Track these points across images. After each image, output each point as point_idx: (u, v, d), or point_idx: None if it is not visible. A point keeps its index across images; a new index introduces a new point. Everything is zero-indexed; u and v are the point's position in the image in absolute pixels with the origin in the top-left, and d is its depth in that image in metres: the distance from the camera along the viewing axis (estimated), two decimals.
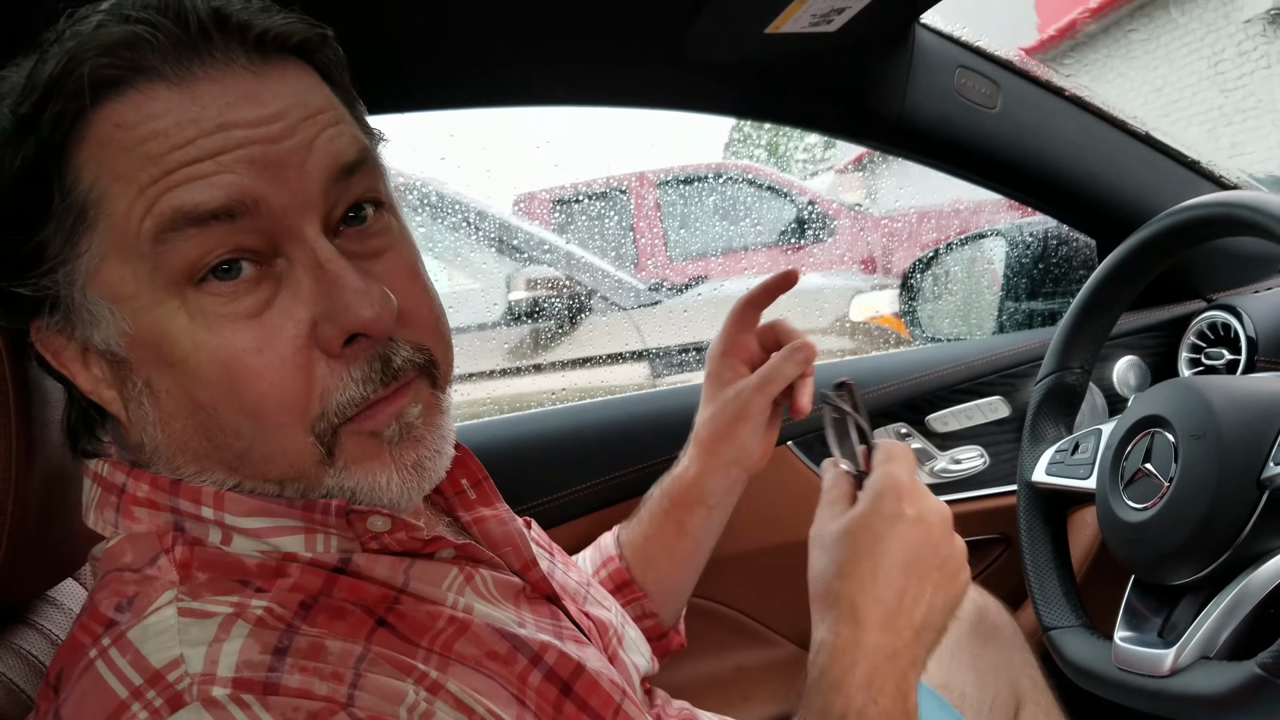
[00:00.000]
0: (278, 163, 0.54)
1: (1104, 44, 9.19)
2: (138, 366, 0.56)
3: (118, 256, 0.54)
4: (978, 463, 1.39)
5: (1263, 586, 0.84)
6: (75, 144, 0.53)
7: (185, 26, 0.54)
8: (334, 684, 0.51)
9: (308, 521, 0.59)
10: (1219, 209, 0.96)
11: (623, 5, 1.00)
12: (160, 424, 0.57)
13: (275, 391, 0.54)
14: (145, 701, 0.49)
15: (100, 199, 0.53)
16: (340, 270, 0.55)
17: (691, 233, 5.61)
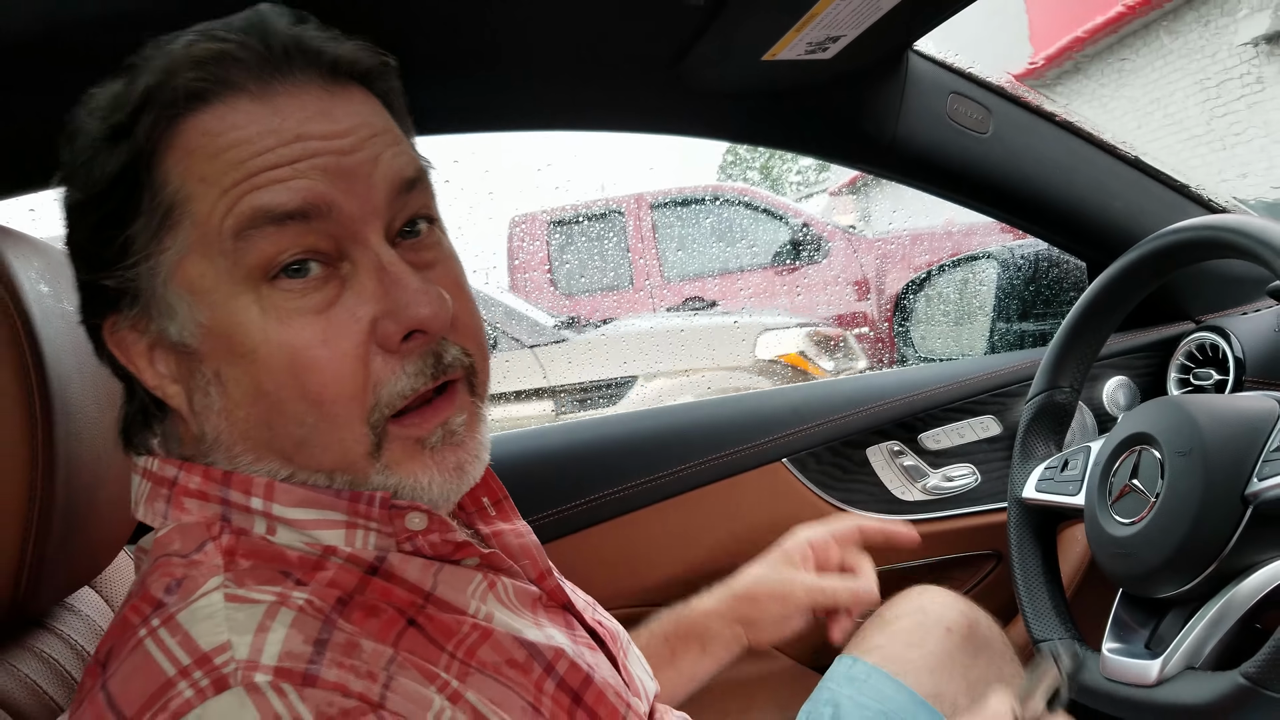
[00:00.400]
0: (348, 173, 0.59)
1: (1097, 69, 9.28)
2: (208, 357, 0.60)
3: (199, 252, 0.58)
4: (969, 480, 1.41)
5: (1247, 599, 0.86)
6: (165, 150, 0.58)
7: (269, 47, 0.59)
8: (368, 682, 0.54)
9: (351, 514, 0.62)
10: (1205, 232, 0.99)
11: (623, 34, 1.02)
12: (225, 413, 0.60)
13: (337, 382, 0.58)
14: (192, 681, 0.51)
15: (186, 199, 0.58)
16: (402, 272, 0.60)
17: (687, 254, 5.65)
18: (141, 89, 0.58)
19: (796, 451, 1.37)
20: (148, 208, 0.58)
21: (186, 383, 0.62)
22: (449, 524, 0.66)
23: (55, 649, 0.76)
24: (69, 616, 0.81)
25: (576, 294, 5.47)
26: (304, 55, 0.60)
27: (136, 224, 0.59)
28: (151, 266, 0.59)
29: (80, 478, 0.72)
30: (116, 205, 0.59)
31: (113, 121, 0.58)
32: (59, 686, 0.73)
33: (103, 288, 0.61)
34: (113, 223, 0.59)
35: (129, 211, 0.59)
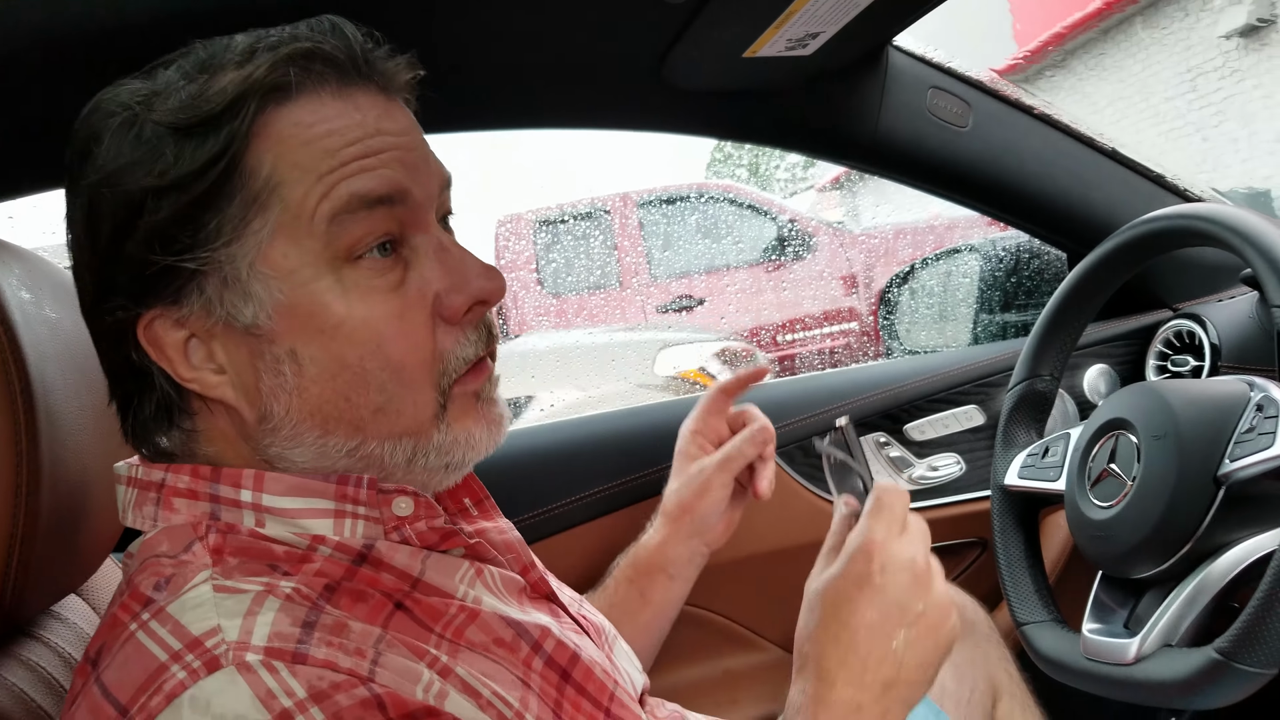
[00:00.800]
0: (414, 166, 0.66)
1: (1078, 64, 9.31)
2: (282, 336, 0.63)
3: (287, 236, 0.62)
4: (954, 469, 1.43)
5: (1221, 577, 0.88)
6: (257, 138, 0.61)
7: (350, 50, 0.65)
8: (357, 659, 0.56)
9: (339, 500, 0.65)
10: (1179, 221, 1.01)
11: (606, 34, 1.03)
12: (298, 390, 0.63)
13: (415, 351, 0.64)
14: (184, 664, 0.53)
15: (278, 184, 0.62)
16: (463, 252, 0.68)
17: (674, 252, 5.64)
18: (233, 80, 0.61)
19: (785, 445, 1.39)
20: (239, 191, 0.61)
21: (249, 366, 0.64)
22: (435, 508, 0.68)
23: (43, 657, 0.76)
24: (56, 624, 0.81)
25: (563, 293, 5.47)
26: (370, 64, 0.66)
27: (232, 206, 0.61)
28: (239, 249, 0.62)
29: (66, 485, 0.72)
30: (207, 188, 0.61)
31: (201, 111, 0.60)
32: (47, 694, 0.73)
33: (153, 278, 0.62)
34: (202, 205, 0.61)
35: (221, 195, 0.61)
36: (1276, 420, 0.85)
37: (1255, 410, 0.88)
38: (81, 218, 0.64)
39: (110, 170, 0.61)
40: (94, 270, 0.64)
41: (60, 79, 0.86)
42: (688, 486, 1.05)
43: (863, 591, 0.69)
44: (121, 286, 0.63)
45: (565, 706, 0.67)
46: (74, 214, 0.65)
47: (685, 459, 1.07)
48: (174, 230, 0.61)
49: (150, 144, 0.60)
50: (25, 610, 0.73)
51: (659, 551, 1.05)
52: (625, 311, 5.41)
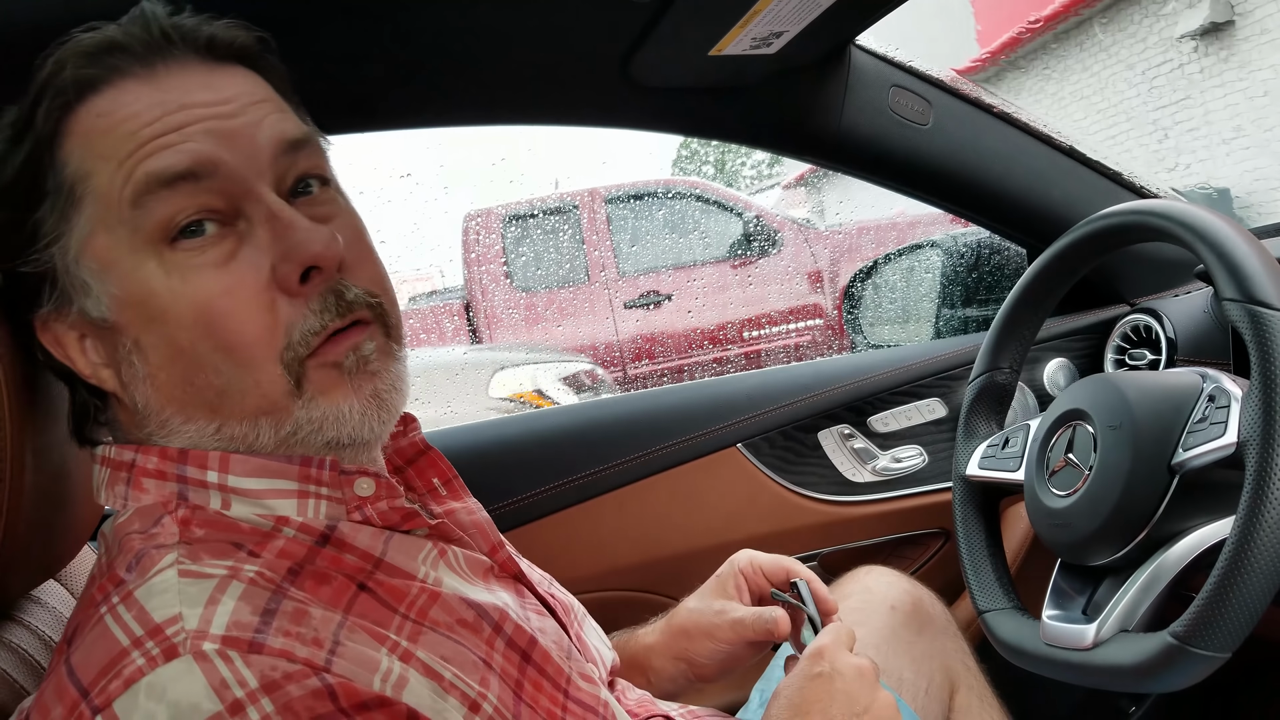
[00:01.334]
0: (232, 134, 0.64)
1: (1039, 65, 9.42)
2: (126, 328, 0.64)
3: (103, 227, 0.62)
4: (917, 461, 1.45)
5: (1176, 564, 0.90)
6: (63, 136, 0.63)
7: (149, 33, 0.64)
8: (313, 649, 0.56)
9: (302, 481, 0.66)
10: (1131, 217, 1.03)
11: (573, 31, 1.04)
12: (149, 379, 0.64)
13: (245, 327, 0.62)
14: (144, 650, 0.53)
15: (85, 176, 0.62)
16: (292, 216, 0.64)
17: (642, 248, 5.65)
18: (37, 84, 0.63)
19: (750, 436, 1.41)
20: (52, 190, 0.63)
21: (113, 360, 0.65)
22: (396, 489, 0.69)
23: (23, 639, 0.77)
24: (35, 608, 0.82)
25: (532, 289, 5.47)
26: (182, 36, 0.65)
27: (43, 207, 0.63)
28: (62, 247, 0.63)
29: (48, 471, 0.73)
30: (23, 194, 0.63)
31: (13, 120, 0.63)
32: (28, 675, 0.75)
33: (23, 280, 0.64)
34: (22, 210, 0.63)
35: (35, 197, 0.63)
36: (1227, 410, 0.87)
37: (1208, 401, 0.90)
38: None
39: None
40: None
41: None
42: (700, 618, 0.98)
43: (815, 682, 0.75)
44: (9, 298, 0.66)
45: (526, 687, 0.68)
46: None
47: (718, 588, 1.00)
48: (5, 238, 0.64)
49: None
50: (9, 593, 0.74)
51: (646, 654, 1.01)
52: (593, 306, 5.41)
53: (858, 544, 1.43)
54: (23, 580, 0.77)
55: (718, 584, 1.00)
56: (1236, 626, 0.79)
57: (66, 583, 0.91)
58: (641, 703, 0.92)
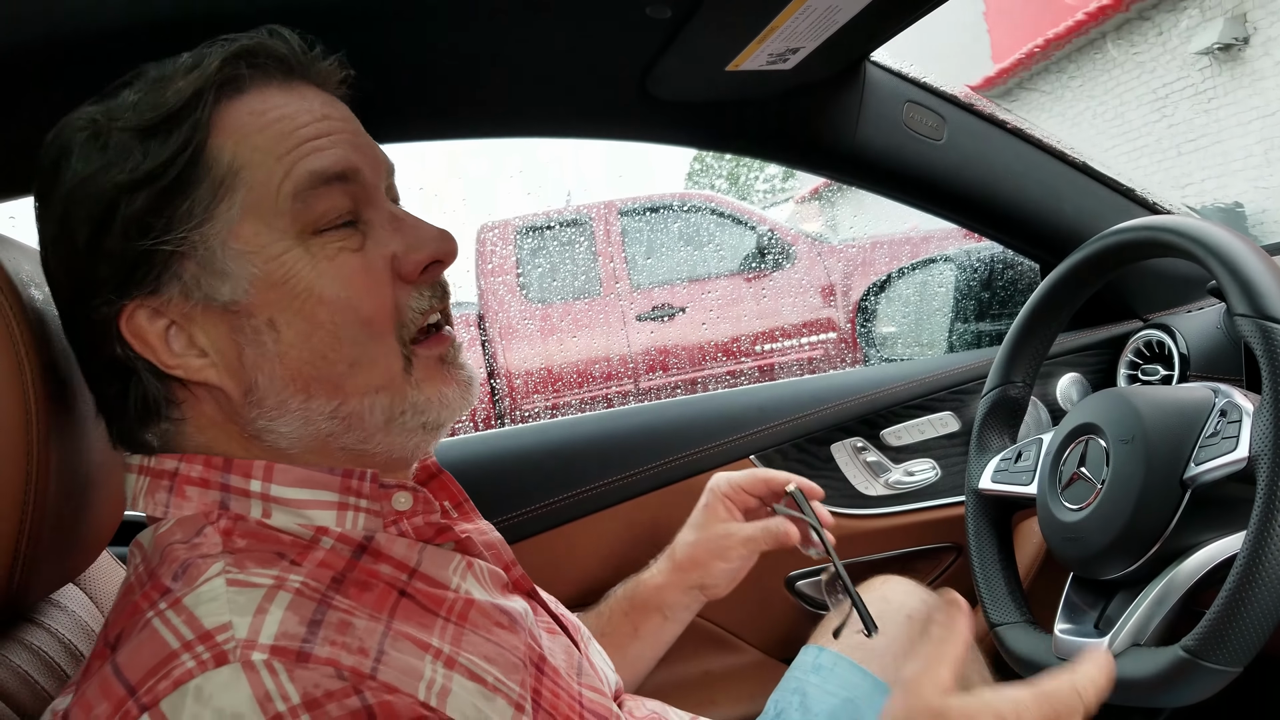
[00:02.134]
0: (362, 147, 0.72)
1: (1053, 81, 9.43)
2: (260, 308, 0.67)
3: (253, 214, 0.66)
4: (930, 475, 1.45)
5: (1188, 578, 0.90)
6: (216, 128, 0.66)
7: (290, 48, 0.71)
8: (360, 657, 0.58)
9: (343, 493, 0.68)
10: (1144, 233, 1.03)
11: (593, 47, 1.05)
12: (279, 356, 0.67)
13: (379, 304, 0.69)
14: (195, 654, 0.55)
15: (241, 168, 0.66)
16: (415, 218, 0.73)
17: (656, 261, 5.67)
18: (192, 79, 0.66)
19: (763, 449, 1.41)
20: (205, 177, 0.66)
21: (230, 343, 0.67)
22: (431, 504, 0.72)
23: (45, 642, 0.78)
24: (56, 612, 0.83)
25: (546, 301, 5.48)
26: (308, 63, 0.72)
27: (199, 191, 0.66)
28: (207, 231, 0.66)
29: (71, 476, 0.74)
30: (176, 178, 0.65)
31: (162, 110, 0.65)
32: (49, 678, 0.76)
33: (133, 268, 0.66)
34: (172, 194, 0.65)
35: (189, 182, 0.66)
36: (1239, 425, 0.87)
37: (1219, 415, 0.91)
38: (56, 229, 0.67)
39: (83, 177, 0.65)
40: (74, 273, 0.67)
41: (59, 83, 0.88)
42: (705, 545, 1.07)
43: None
44: (103, 281, 0.66)
45: (544, 694, 0.70)
46: (49, 229, 0.68)
47: (710, 516, 1.08)
48: (150, 219, 0.65)
49: (118, 148, 0.65)
50: (29, 596, 0.75)
51: (658, 594, 1.08)
52: (606, 319, 5.43)
53: (870, 558, 1.43)
54: (44, 584, 0.78)
55: (707, 513, 1.09)
56: (1248, 640, 0.79)
57: (85, 587, 0.92)
58: (653, 714, 0.93)
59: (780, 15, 0.95)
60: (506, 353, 5.35)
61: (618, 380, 5.27)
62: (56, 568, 0.78)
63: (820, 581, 1.02)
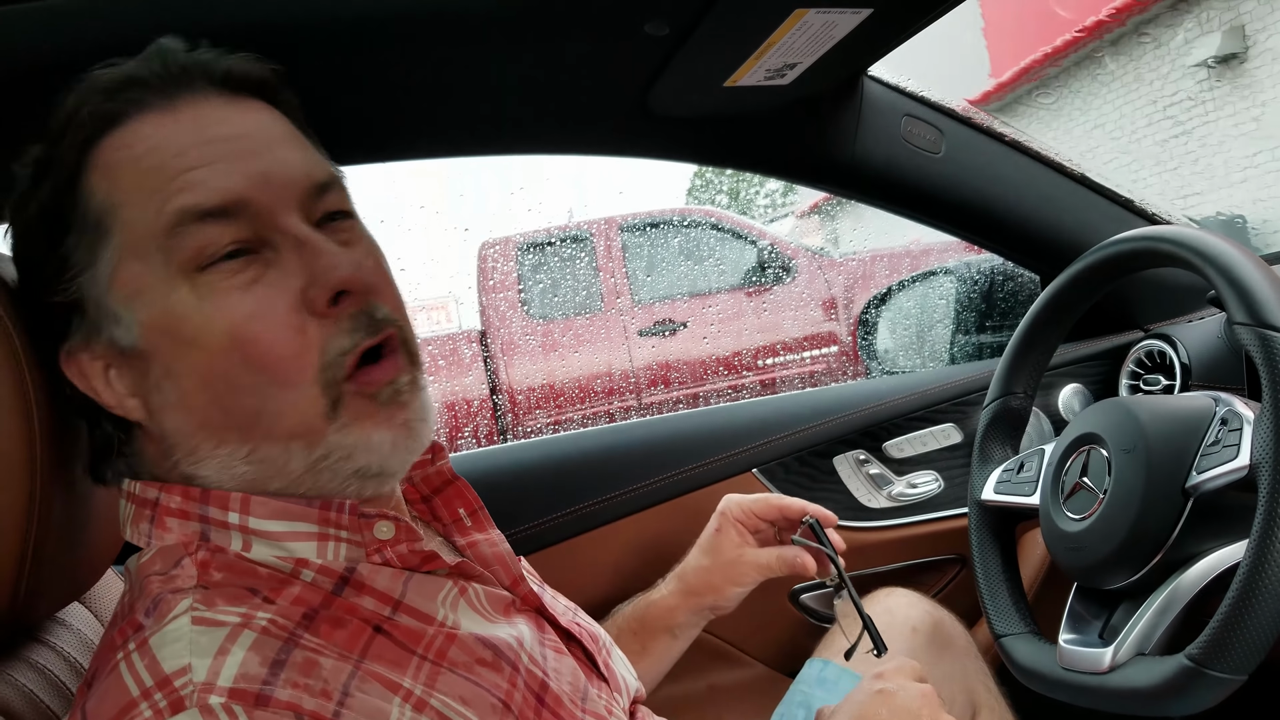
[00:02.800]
0: (259, 173, 0.64)
1: (1054, 94, 9.45)
2: (156, 354, 0.64)
3: (132, 256, 0.63)
4: (933, 487, 1.45)
5: (1191, 587, 0.90)
6: (87, 169, 0.64)
7: (167, 67, 0.65)
8: (323, 701, 0.56)
9: (322, 524, 0.66)
10: (1143, 243, 1.04)
11: (593, 64, 1.06)
12: (179, 405, 0.64)
13: (277, 348, 0.62)
14: (152, 702, 0.54)
15: (114, 208, 0.63)
16: (320, 242, 0.65)
17: (657, 276, 5.68)
18: (58, 120, 0.64)
19: (766, 462, 1.42)
20: (78, 223, 0.64)
21: (142, 388, 0.65)
22: (416, 533, 0.69)
23: (50, 661, 0.78)
24: (61, 630, 0.83)
25: (548, 317, 5.49)
26: (200, 70, 0.66)
27: (69, 239, 0.64)
28: (91, 276, 0.64)
29: (76, 494, 0.74)
30: (50, 228, 0.64)
31: (36, 157, 0.65)
32: (55, 697, 0.75)
33: (52, 312, 0.65)
34: (52, 244, 0.64)
35: (61, 230, 0.64)
36: (1240, 433, 0.87)
37: (1220, 424, 0.91)
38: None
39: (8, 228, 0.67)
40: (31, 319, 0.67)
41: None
42: (720, 571, 1.07)
43: (877, 697, 0.79)
44: (42, 328, 0.67)
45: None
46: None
47: (724, 541, 1.08)
48: (35, 272, 0.65)
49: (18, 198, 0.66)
50: (34, 614, 0.75)
51: (668, 615, 1.09)
52: (608, 334, 5.44)
53: (874, 570, 1.43)
54: (49, 602, 0.78)
55: (719, 537, 1.09)
56: (1252, 648, 0.79)
57: (91, 606, 0.92)
58: None
59: (777, 31, 0.96)
60: (509, 369, 5.35)
61: (619, 396, 5.27)
62: (62, 586, 0.78)
63: (824, 595, 1.02)
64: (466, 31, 0.93)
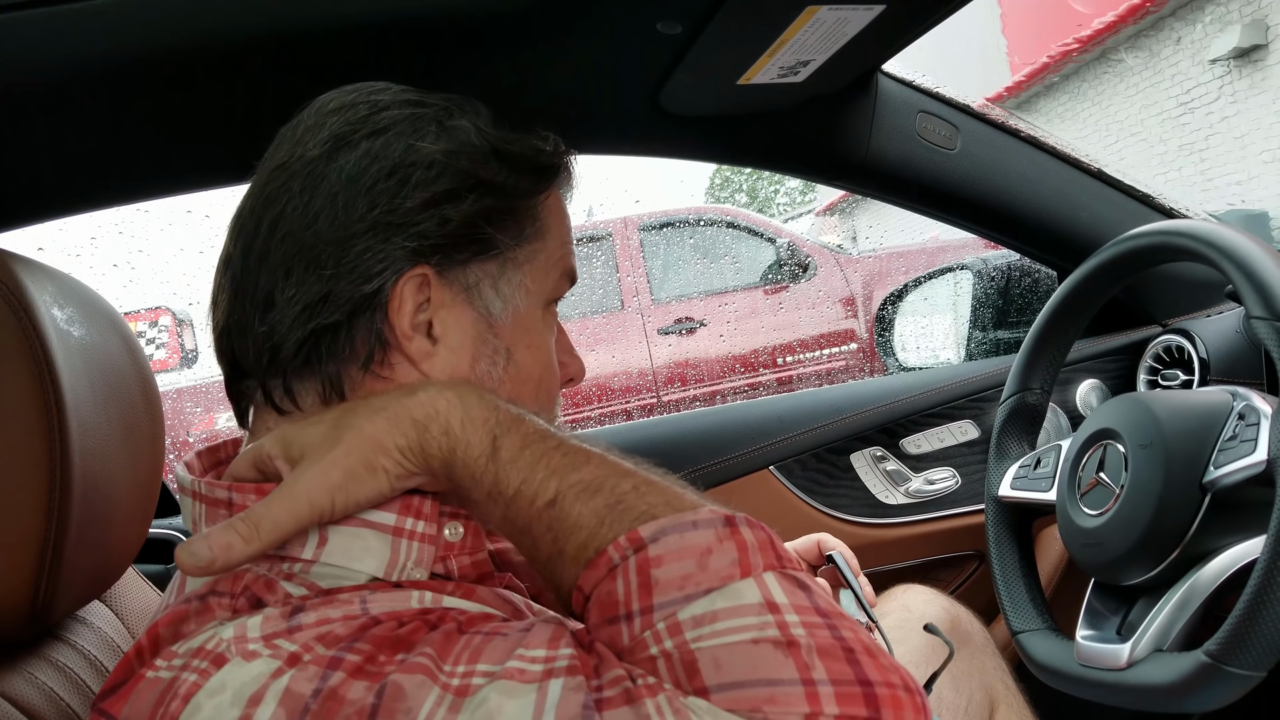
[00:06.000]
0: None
1: (1070, 89, 9.39)
2: (506, 335, 0.74)
3: (541, 266, 0.76)
4: (950, 483, 1.45)
5: (1209, 583, 0.90)
6: (542, 196, 0.77)
7: (573, 181, 0.82)
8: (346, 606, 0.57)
9: (401, 514, 0.65)
10: (1159, 238, 1.04)
11: (606, 63, 1.07)
12: (501, 381, 0.74)
13: (556, 390, 0.80)
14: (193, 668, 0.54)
15: (549, 230, 0.77)
16: (565, 336, 0.84)
17: (676, 275, 5.68)
18: (555, 155, 0.78)
19: (783, 459, 1.42)
20: (532, 221, 0.76)
21: (470, 347, 0.72)
22: (481, 540, 0.71)
23: (70, 659, 0.79)
24: (81, 629, 0.84)
25: (566, 316, 5.50)
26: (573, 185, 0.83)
27: (527, 226, 0.75)
28: (521, 255, 0.75)
29: (94, 493, 0.75)
30: (522, 206, 0.75)
31: (530, 156, 0.75)
32: (75, 694, 0.76)
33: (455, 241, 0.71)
34: (517, 214, 0.74)
35: (529, 216, 0.76)
36: (1258, 428, 0.87)
37: (1238, 419, 0.90)
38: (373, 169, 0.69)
39: (437, 149, 0.70)
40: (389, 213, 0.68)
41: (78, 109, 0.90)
42: None
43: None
44: (421, 233, 0.68)
45: None
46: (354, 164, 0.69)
47: None
48: (493, 217, 0.72)
49: (475, 149, 0.72)
50: (55, 613, 0.75)
51: None
52: (627, 333, 5.44)
53: (891, 566, 1.43)
54: (70, 601, 0.78)
55: None
56: (1271, 644, 0.79)
57: (112, 604, 0.93)
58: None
59: (790, 28, 0.96)
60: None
61: (638, 394, 5.28)
62: (82, 585, 0.79)
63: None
64: (476, 32, 0.93)
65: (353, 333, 0.68)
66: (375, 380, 0.69)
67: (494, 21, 0.92)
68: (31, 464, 0.69)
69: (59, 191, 1.07)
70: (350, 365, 0.69)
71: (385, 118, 0.71)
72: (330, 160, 0.69)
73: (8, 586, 0.70)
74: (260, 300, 0.69)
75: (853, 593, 0.96)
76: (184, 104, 0.75)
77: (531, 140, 0.77)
